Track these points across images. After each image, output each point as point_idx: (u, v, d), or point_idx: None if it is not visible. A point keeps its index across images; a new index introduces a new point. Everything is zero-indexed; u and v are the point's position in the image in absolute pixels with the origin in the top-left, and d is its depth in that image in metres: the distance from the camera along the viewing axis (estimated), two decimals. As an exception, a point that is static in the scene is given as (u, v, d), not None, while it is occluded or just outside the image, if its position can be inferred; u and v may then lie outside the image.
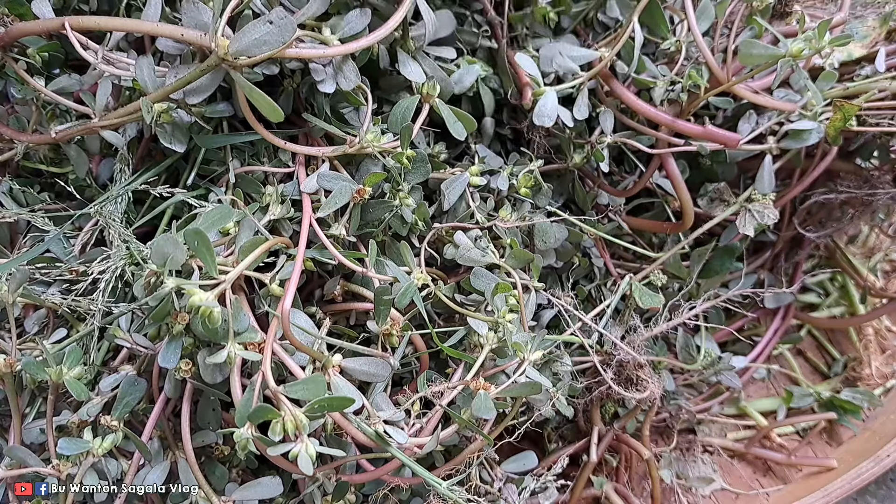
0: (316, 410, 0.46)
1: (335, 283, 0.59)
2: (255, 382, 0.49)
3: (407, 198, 0.59)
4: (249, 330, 0.51)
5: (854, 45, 0.74)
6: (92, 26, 0.54)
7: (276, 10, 0.48)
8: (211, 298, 0.47)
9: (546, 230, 0.67)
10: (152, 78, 0.54)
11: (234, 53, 0.49)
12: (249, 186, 0.60)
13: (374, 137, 0.57)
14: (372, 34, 0.54)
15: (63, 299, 0.58)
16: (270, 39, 0.48)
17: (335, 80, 0.56)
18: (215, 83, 0.53)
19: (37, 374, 0.54)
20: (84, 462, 0.54)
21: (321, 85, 0.55)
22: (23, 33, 0.56)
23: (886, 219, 0.86)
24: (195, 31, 0.51)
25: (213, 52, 0.49)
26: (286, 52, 0.50)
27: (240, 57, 0.49)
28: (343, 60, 0.56)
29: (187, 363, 0.52)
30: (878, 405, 0.87)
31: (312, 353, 0.51)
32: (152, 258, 0.47)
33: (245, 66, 0.50)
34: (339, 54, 0.54)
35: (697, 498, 0.82)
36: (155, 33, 0.54)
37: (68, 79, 0.60)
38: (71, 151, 0.62)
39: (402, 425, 0.53)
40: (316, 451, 0.46)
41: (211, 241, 0.48)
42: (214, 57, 0.49)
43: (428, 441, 0.52)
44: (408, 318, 0.57)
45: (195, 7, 0.52)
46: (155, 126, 0.56)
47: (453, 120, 0.62)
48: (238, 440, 0.47)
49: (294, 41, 0.50)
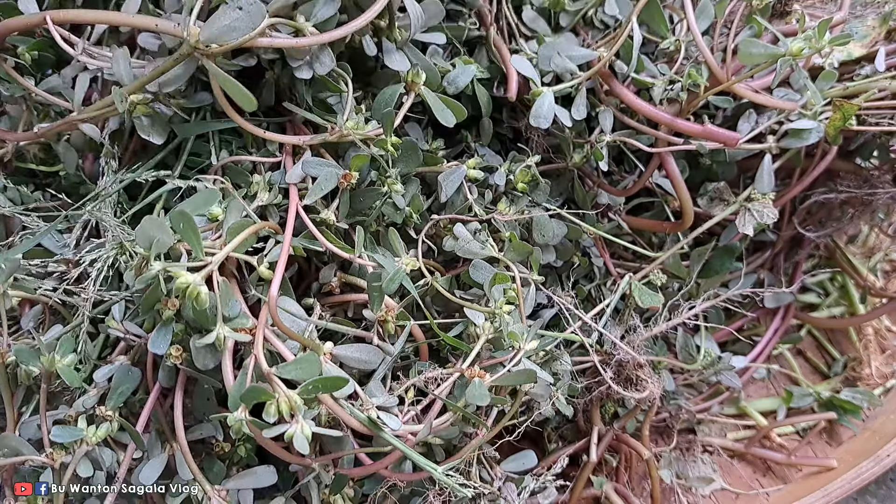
0: (310, 391, 0.46)
1: (331, 272, 0.59)
2: (248, 366, 0.48)
3: (395, 184, 0.59)
4: (241, 316, 0.51)
5: (854, 45, 0.74)
6: (73, 18, 0.55)
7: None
8: (198, 279, 0.47)
9: (545, 224, 0.67)
10: (128, 70, 0.54)
11: (205, 41, 0.49)
12: (238, 176, 0.60)
13: (354, 125, 0.57)
14: (349, 24, 0.54)
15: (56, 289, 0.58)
16: (240, 25, 0.48)
17: (312, 67, 0.56)
18: (188, 73, 0.53)
19: (29, 363, 0.54)
20: (78, 451, 0.54)
21: (297, 71, 0.55)
22: (9, 30, 0.57)
23: (886, 218, 0.86)
24: (169, 21, 0.51)
25: (185, 40, 0.49)
26: (259, 42, 0.50)
27: (211, 45, 0.49)
28: (320, 48, 0.55)
29: (178, 349, 0.52)
30: (877, 405, 0.87)
31: (302, 341, 0.51)
32: (139, 242, 0.47)
33: (218, 55, 0.50)
34: (314, 44, 0.54)
35: (697, 498, 0.82)
36: (130, 24, 0.55)
37: (58, 78, 0.60)
38: (59, 148, 0.63)
39: (396, 412, 0.53)
40: (312, 432, 0.46)
41: (198, 225, 0.48)
42: (186, 46, 0.49)
43: (421, 428, 0.52)
44: (403, 305, 0.57)
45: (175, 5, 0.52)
46: (132, 118, 0.56)
47: (440, 107, 0.62)
48: (232, 423, 0.46)
49: (268, 29, 0.50)
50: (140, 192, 0.62)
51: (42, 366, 0.54)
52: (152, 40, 0.56)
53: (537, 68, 0.66)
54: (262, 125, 0.60)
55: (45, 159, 0.67)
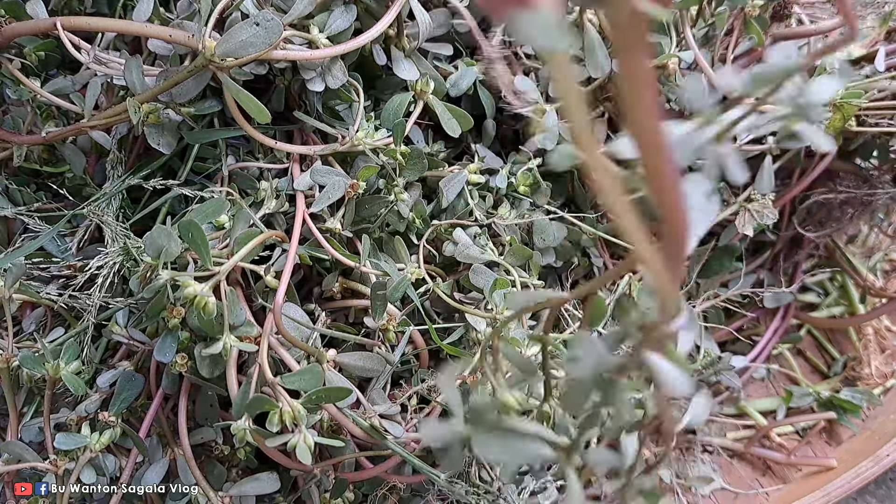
0: (313, 401, 0.46)
1: (333, 279, 0.59)
2: (252, 375, 0.49)
3: (402, 192, 0.59)
4: (246, 324, 0.51)
5: (854, 45, 0.74)
6: (83, 26, 0.55)
7: (263, 13, 0.48)
8: (206, 289, 0.47)
9: (545, 228, 0.67)
10: (140, 79, 0.54)
11: (221, 55, 0.49)
12: (244, 183, 0.61)
13: (364, 134, 0.58)
14: (361, 36, 0.55)
15: (60, 295, 0.58)
16: (257, 41, 0.48)
17: (324, 79, 0.56)
18: (202, 84, 0.53)
19: (34, 369, 0.54)
20: (81, 458, 0.54)
21: (310, 83, 0.56)
22: (17, 34, 0.57)
23: (886, 218, 0.86)
24: (183, 32, 0.51)
25: (201, 53, 0.49)
26: (273, 55, 0.51)
27: (226, 59, 0.49)
28: (332, 60, 0.56)
29: (184, 357, 0.52)
30: (877, 405, 0.87)
31: (306, 348, 0.51)
32: (147, 250, 0.48)
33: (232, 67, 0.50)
34: (328, 56, 0.54)
35: (697, 497, 0.82)
36: (143, 34, 0.54)
37: (63, 80, 0.60)
38: (66, 151, 0.63)
39: (399, 419, 0.53)
40: (314, 442, 0.46)
41: (206, 234, 0.48)
42: (201, 58, 0.49)
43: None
44: (406, 313, 0.57)
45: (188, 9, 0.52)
46: (143, 126, 0.56)
47: (448, 117, 0.62)
48: (236, 432, 0.47)
49: (281, 41, 0.51)
50: (144, 195, 0.62)
51: (47, 373, 0.54)
52: (163, 45, 0.56)
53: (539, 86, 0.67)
54: (270, 133, 0.60)
55: (49, 160, 0.67)
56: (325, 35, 0.55)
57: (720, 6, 0.67)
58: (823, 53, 0.28)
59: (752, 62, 0.71)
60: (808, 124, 0.26)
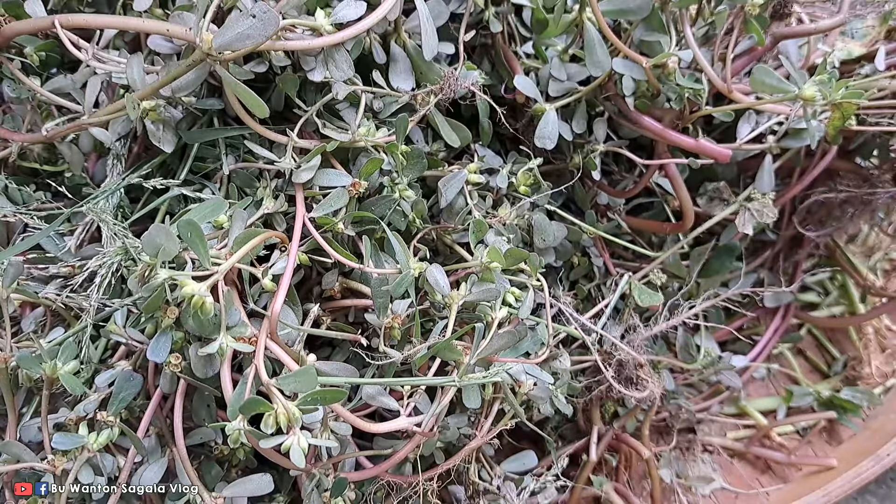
0: (308, 403, 0.46)
1: (333, 278, 0.59)
2: (248, 375, 0.48)
3: (406, 190, 0.59)
4: (240, 324, 0.51)
5: (854, 44, 0.74)
6: (81, 23, 0.55)
7: (259, 4, 0.48)
8: (203, 289, 0.47)
9: (545, 228, 0.67)
10: (141, 75, 0.54)
11: (218, 48, 0.49)
12: (244, 182, 0.60)
13: (366, 131, 0.57)
14: (361, 22, 0.54)
15: (58, 295, 0.58)
16: (254, 33, 0.48)
17: (325, 70, 0.55)
18: (200, 78, 0.53)
19: (31, 369, 0.54)
20: (79, 457, 0.54)
21: (311, 74, 0.55)
22: (16, 32, 0.57)
23: (886, 218, 0.86)
24: (180, 26, 0.51)
25: (198, 46, 0.49)
26: (273, 45, 0.50)
27: (224, 51, 0.49)
28: (335, 49, 0.55)
29: (177, 357, 0.52)
30: (877, 404, 0.87)
31: (291, 353, 0.51)
32: (145, 249, 0.47)
33: (231, 61, 0.50)
34: (328, 44, 0.53)
35: (697, 497, 0.82)
36: (141, 29, 0.54)
37: (63, 79, 0.60)
38: (64, 149, 0.62)
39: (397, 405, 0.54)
40: (309, 444, 0.46)
41: (204, 234, 0.48)
42: (199, 52, 0.49)
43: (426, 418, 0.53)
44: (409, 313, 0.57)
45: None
46: (142, 123, 0.56)
47: (448, 130, 0.63)
48: (230, 433, 0.47)
49: (282, 31, 0.50)
50: (142, 194, 0.62)
51: (44, 372, 0.54)
52: (163, 43, 0.56)
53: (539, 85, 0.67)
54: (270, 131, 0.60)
55: (49, 158, 0.66)
56: (329, 21, 0.54)
57: (720, 5, 0.67)
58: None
59: (751, 61, 0.71)
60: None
